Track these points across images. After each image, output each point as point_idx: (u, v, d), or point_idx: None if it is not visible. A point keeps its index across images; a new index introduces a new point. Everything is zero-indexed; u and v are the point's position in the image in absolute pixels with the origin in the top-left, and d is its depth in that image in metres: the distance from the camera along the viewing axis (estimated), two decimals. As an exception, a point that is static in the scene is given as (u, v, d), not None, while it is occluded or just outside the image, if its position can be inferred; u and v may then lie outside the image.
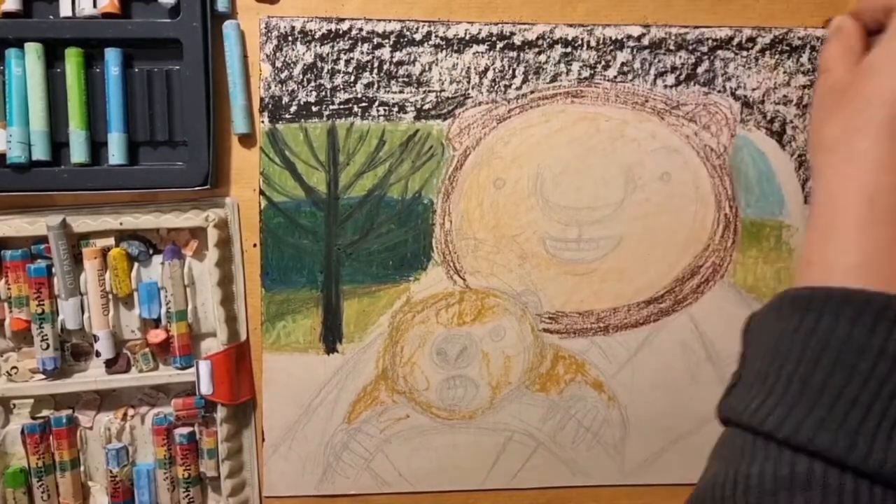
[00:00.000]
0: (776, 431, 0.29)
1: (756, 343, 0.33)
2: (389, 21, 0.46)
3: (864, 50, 0.35)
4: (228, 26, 0.45)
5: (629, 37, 0.47)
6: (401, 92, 0.46)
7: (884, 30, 0.34)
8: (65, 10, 0.44)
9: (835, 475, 0.28)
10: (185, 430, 0.46)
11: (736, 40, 0.47)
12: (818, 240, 0.33)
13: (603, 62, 0.47)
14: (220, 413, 0.46)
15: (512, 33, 0.46)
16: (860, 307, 0.29)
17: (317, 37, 0.46)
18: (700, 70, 0.47)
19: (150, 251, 0.46)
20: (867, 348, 0.28)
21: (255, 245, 0.47)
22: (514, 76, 0.47)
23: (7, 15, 0.43)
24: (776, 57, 0.48)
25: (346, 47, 0.46)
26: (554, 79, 0.47)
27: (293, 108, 0.46)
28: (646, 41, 0.47)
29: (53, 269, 0.44)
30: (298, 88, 0.46)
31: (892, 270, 0.31)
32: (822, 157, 0.34)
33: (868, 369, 0.28)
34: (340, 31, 0.46)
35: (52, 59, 0.44)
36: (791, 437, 0.28)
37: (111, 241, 0.45)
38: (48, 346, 0.45)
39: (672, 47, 0.47)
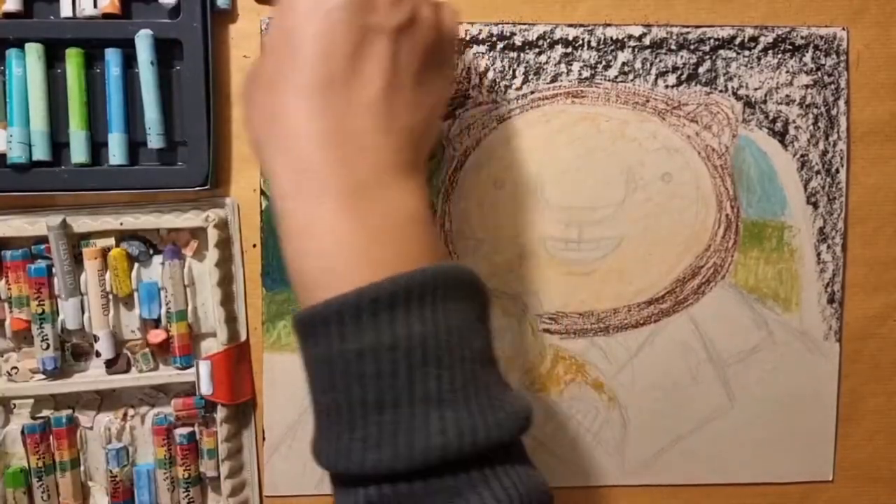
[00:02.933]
0: (338, 469, 0.28)
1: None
2: (389, 21, 0.46)
3: None
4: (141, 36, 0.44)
5: (630, 37, 0.47)
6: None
7: None
8: (65, 10, 0.44)
9: (403, 486, 0.27)
10: (185, 431, 0.46)
11: (738, 40, 0.47)
12: (286, 251, 0.32)
13: (604, 62, 0.47)
14: (220, 413, 0.46)
15: (512, 33, 0.46)
16: (340, 316, 0.28)
17: (317, 37, 0.46)
18: (701, 70, 0.47)
19: (151, 251, 0.46)
20: (364, 352, 0.27)
21: (254, 245, 0.47)
22: (514, 76, 0.47)
23: (7, 15, 0.43)
24: (778, 56, 0.48)
25: (347, 47, 0.46)
26: (554, 79, 0.47)
27: (293, 109, 0.46)
28: (647, 41, 0.47)
29: (54, 270, 0.44)
30: (298, 88, 0.46)
31: (357, 258, 0.29)
32: (260, 154, 0.33)
33: (375, 373, 0.27)
34: (340, 31, 0.46)
35: (53, 59, 0.44)
36: (348, 469, 0.27)
37: (111, 241, 0.45)
38: (48, 346, 0.45)
39: (673, 47, 0.47)
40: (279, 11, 0.32)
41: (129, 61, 0.44)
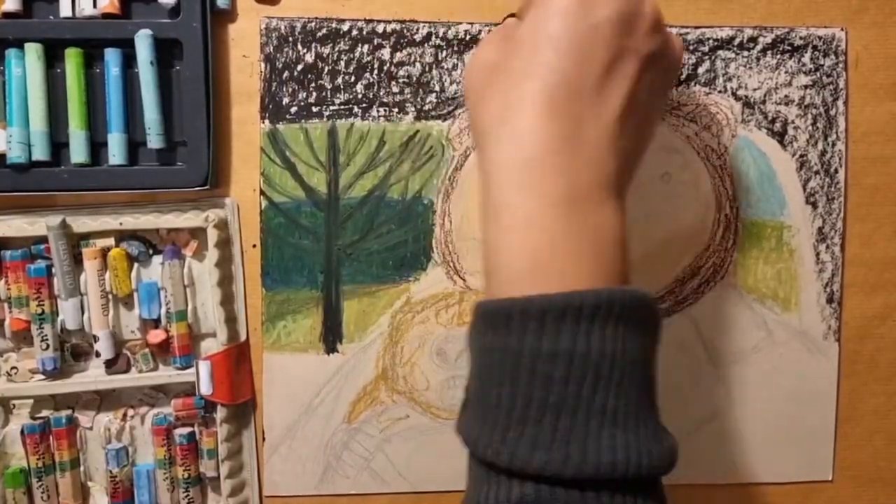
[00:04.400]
0: (496, 459, 0.28)
1: (472, 358, 0.32)
2: (390, 22, 0.46)
3: None
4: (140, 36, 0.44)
5: (630, 37, 0.47)
6: (401, 93, 0.46)
7: None
8: (65, 10, 0.44)
9: (561, 492, 0.27)
10: (185, 431, 0.46)
11: (737, 40, 0.47)
12: (492, 238, 0.31)
13: (603, 62, 0.47)
14: (220, 413, 0.46)
15: (512, 33, 0.46)
16: (541, 315, 0.28)
17: (317, 37, 0.46)
18: (701, 70, 0.47)
19: (150, 251, 0.46)
20: (557, 355, 0.28)
21: (254, 245, 0.47)
22: (514, 76, 0.47)
23: (7, 15, 0.43)
24: (777, 57, 0.48)
25: (347, 48, 0.46)
26: (554, 79, 0.47)
27: (293, 109, 0.46)
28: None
29: (53, 270, 0.44)
30: (299, 89, 0.46)
31: (565, 264, 0.29)
32: (483, 139, 0.33)
33: (563, 377, 0.28)
34: (341, 32, 0.46)
35: (53, 59, 0.44)
36: (511, 463, 0.28)
37: (111, 241, 0.45)
38: (48, 346, 0.45)
39: (673, 47, 0.47)
40: (538, 9, 0.32)
41: (129, 61, 0.44)
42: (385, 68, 0.46)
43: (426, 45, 0.46)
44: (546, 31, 0.31)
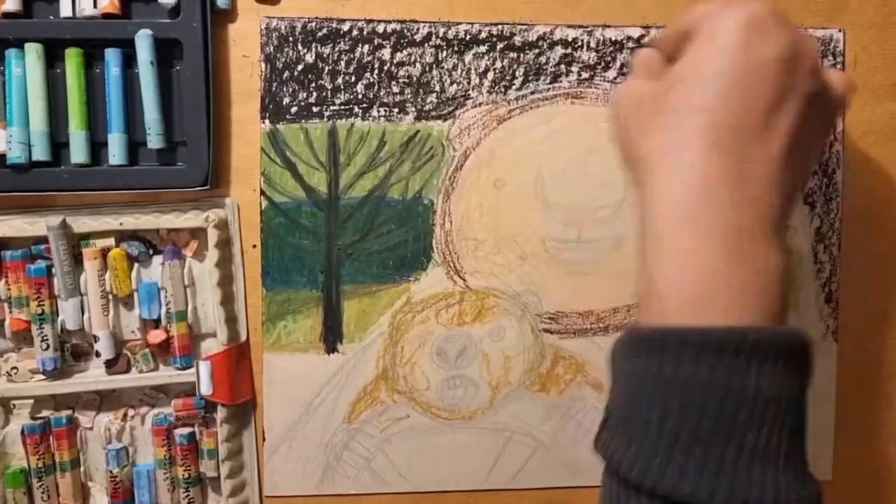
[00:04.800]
0: (641, 481, 0.29)
1: (617, 378, 0.32)
2: (390, 22, 0.46)
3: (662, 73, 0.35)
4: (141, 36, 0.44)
5: (629, 38, 0.47)
6: (401, 93, 0.46)
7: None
8: (65, 10, 0.44)
9: None
10: (185, 431, 0.46)
11: (736, 41, 0.47)
12: (653, 267, 0.32)
13: (603, 63, 0.47)
14: (221, 413, 0.46)
15: (512, 34, 0.47)
16: (700, 346, 0.28)
17: (317, 37, 0.46)
18: (700, 71, 0.47)
19: (151, 252, 0.46)
20: (713, 387, 0.28)
21: (254, 246, 0.47)
22: (514, 77, 0.47)
23: (7, 15, 0.43)
24: (776, 58, 0.48)
25: (347, 48, 0.46)
26: (554, 80, 0.47)
27: (294, 109, 0.46)
28: (646, 42, 0.47)
29: (53, 270, 0.44)
30: (299, 89, 0.46)
31: (727, 299, 0.30)
32: (643, 172, 0.33)
33: (717, 409, 0.28)
34: (341, 32, 0.46)
35: (53, 59, 0.44)
36: (656, 487, 0.28)
37: (111, 241, 0.45)
38: (48, 346, 0.45)
39: (672, 48, 0.47)
40: (703, 46, 0.33)
41: (129, 61, 0.44)
42: (385, 68, 0.46)
43: (426, 45, 0.46)
44: (712, 67, 0.32)
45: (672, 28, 0.36)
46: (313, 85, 0.46)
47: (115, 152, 0.44)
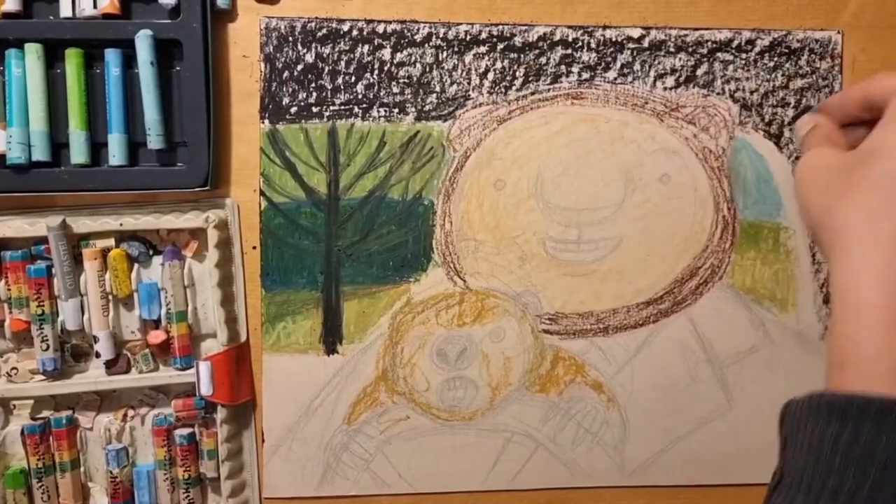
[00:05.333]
0: None
1: (795, 441, 0.32)
2: (390, 22, 0.46)
3: (843, 142, 0.35)
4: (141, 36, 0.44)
5: (629, 38, 0.47)
6: (401, 93, 0.46)
7: (855, 123, 0.34)
8: (65, 10, 0.44)
9: None
10: (185, 431, 0.46)
11: (735, 42, 0.48)
12: (848, 337, 0.32)
13: (603, 64, 0.47)
14: (220, 414, 0.46)
15: (512, 35, 0.47)
16: None
17: (317, 37, 0.46)
18: (699, 72, 0.48)
19: (150, 252, 0.46)
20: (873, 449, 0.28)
21: (254, 247, 0.47)
22: (514, 77, 0.47)
23: (7, 15, 0.43)
24: (775, 59, 0.48)
25: (347, 48, 0.46)
26: (554, 80, 0.47)
27: (294, 109, 0.46)
28: (645, 43, 0.47)
29: (53, 270, 0.44)
30: (299, 89, 0.46)
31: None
32: (840, 241, 0.34)
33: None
34: (341, 32, 0.46)
35: (53, 59, 0.44)
36: None
37: (111, 241, 0.45)
38: (48, 346, 0.45)
39: (672, 49, 0.47)
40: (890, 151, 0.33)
41: (129, 61, 0.44)
42: (385, 69, 0.46)
43: (426, 45, 0.46)
44: None
45: (846, 96, 0.36)
46: (313, 85, 0.46)
47: (115, 153, 0.44)
